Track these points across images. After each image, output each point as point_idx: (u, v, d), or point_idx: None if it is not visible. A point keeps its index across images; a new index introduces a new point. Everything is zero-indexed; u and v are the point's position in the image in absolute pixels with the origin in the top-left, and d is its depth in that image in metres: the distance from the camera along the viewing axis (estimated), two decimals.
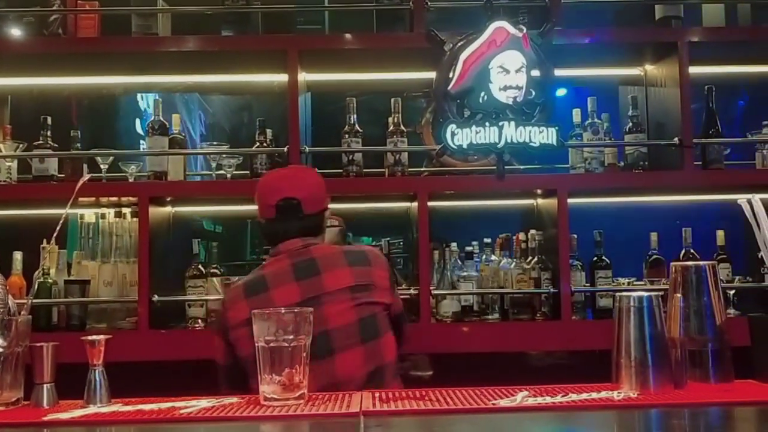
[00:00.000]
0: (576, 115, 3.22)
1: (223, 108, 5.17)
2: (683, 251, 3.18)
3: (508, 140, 2.88)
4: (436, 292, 3.01)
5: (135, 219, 3.00)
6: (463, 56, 2.91)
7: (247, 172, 3.15)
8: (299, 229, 2.08)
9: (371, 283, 2.06)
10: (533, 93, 2.94)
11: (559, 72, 3.02)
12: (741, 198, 1.64)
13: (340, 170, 3.11)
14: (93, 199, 3.00)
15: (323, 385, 1.84)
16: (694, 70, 3.08)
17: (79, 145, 3.13)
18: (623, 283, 3.14)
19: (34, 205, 3.10)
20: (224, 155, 3.16)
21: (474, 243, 3.25)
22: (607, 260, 3.14)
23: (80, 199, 2.78)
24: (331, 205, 2.25)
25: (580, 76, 3.54)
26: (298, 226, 2.08)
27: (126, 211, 3.09)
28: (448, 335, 2.93)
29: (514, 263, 3.15)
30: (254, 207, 3.53)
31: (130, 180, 3.12)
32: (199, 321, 3.02)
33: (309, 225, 2.09)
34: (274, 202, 2.08)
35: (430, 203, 2.97)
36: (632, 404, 1.39)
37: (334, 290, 2.00)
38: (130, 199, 3.00)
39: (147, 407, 1.43)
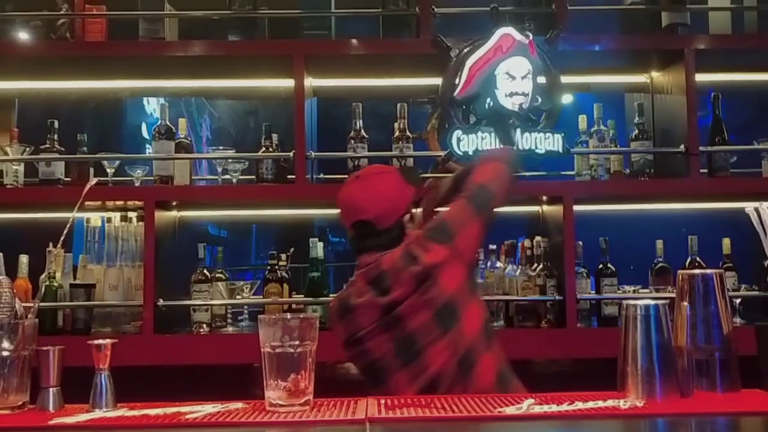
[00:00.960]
0: (582, 121, 3.21)
1: (229, 113, 5.20)
2: (689, 259, 3.17)
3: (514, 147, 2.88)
4: None
5: (141, 223, 3.01)
6: (469, 62, 2.92)
7: (253, 177, 3.16)
8: (377, 246, 2.06)
9: (430, 274, 1.98)
10: (539, 99, 2.95)
11: (565, 79, 3.02)
12: (748, 206, 1.64)
13: (346, 175, 3.10)
14: (99, 202, 3.01)
15: (420, 386, 1.88)
16: (700, 77, 3.07)
17: (85, 149, 3.14)
18: (629, 291, 3.13)
19: (41, 208, 3.11)
20: (230, 160, 3.16)
21: (479, 249, 3.25)
22: (613, 268, 3.13)
23: (86, 202, 2.79)
24: (334, 211, 2.23)
25: (586, 83, 3.54)
26: (374, 243, 2.06)
27: (132, 215, 3.09)
28: None
29: (519, 270, 3.14)
30: (259, 212, 3.60)
31: (136, 184, 3.13)
32: (204, 326, 3.01)
33: (386, 240, 2.06)
34: (348, 223, 2.08)
35: None
36: (639, 413, 1.39)
37: (403, 298, 1.98)
38: (136, 203, 3.01)
39: (152, 412, 1.43)
